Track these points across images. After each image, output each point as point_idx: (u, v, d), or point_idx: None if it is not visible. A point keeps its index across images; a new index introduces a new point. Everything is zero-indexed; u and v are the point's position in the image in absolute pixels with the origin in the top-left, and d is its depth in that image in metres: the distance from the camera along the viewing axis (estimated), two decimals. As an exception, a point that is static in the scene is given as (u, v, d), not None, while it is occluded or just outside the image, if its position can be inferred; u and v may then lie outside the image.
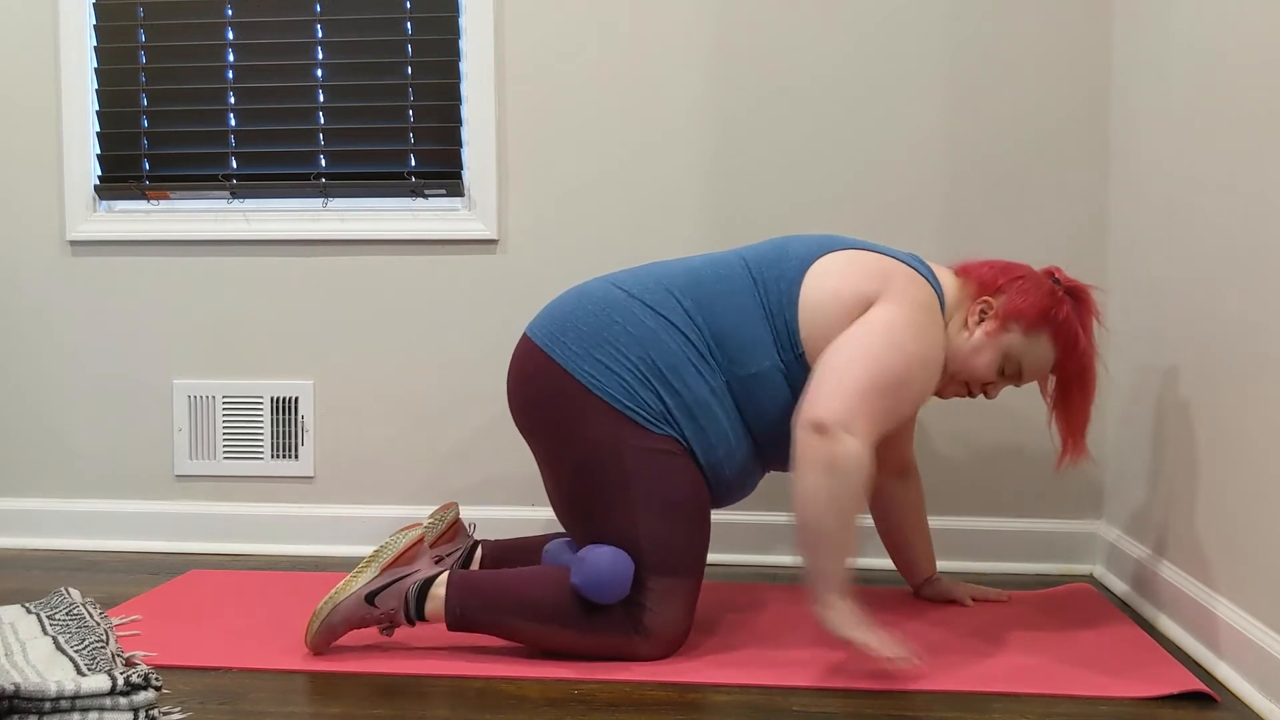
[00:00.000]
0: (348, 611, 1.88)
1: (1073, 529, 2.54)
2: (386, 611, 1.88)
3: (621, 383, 1.89)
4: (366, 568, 1.91)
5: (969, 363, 1.97)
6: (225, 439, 2.74)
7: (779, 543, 2.59)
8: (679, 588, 1.88)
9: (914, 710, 1.68)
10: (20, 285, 2.80)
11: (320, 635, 1.89)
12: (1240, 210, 1.78)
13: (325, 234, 2.70)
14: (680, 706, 1.69)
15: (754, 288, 1.94)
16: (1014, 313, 1.94)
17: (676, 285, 1.97)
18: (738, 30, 2.57)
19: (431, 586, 1.89)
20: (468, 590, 1.88)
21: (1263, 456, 1.71)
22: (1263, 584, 1.70)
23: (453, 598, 1.88)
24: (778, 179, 2.57)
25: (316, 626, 1.88)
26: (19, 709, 1.45)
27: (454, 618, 1.88)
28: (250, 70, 2.72)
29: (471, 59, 2.64)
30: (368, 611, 1.89)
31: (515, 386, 1.99)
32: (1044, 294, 1.95)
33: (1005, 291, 1.96)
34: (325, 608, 1.88)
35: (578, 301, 1.97)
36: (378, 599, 1.89)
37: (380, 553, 1.93)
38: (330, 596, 1.89)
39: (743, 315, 1.92)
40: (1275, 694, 1.63)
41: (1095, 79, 2.49)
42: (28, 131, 2.78)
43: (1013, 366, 1.98)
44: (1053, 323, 1.95)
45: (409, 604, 1.88)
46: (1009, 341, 1.96)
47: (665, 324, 1.92)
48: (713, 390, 1.91)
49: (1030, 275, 1.98)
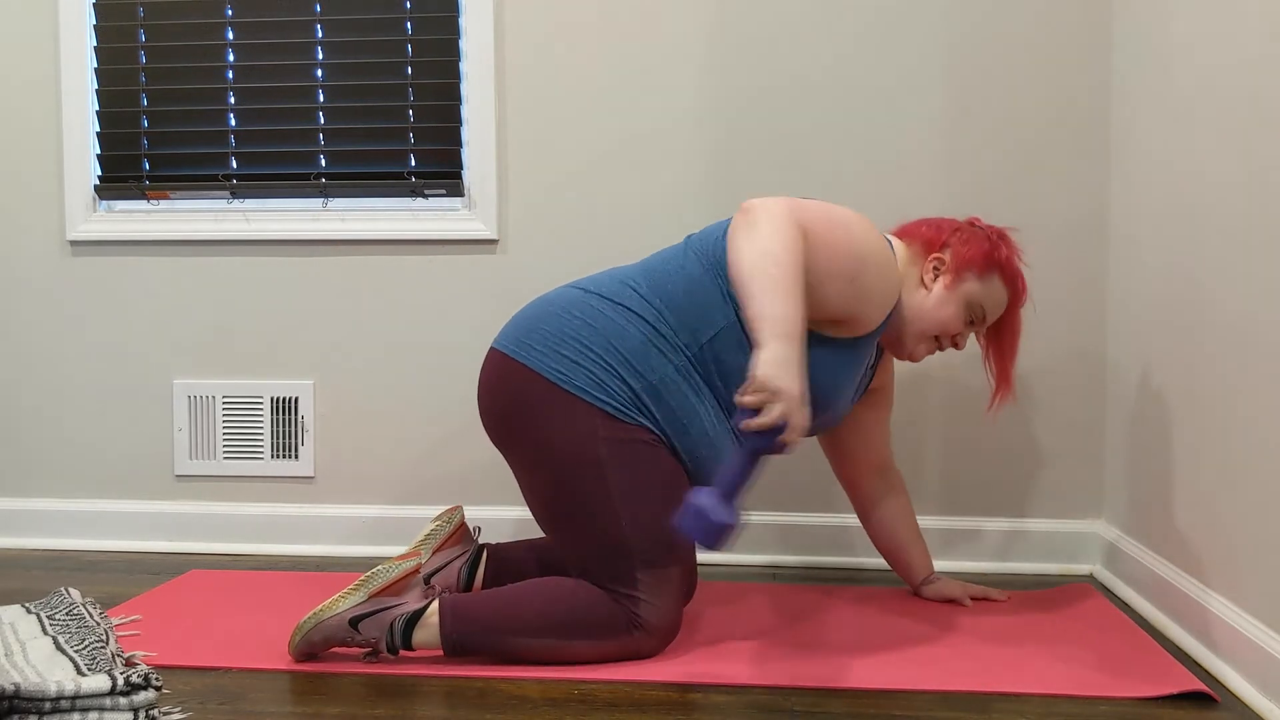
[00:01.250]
0: (329, 631, 1.85)
1: (1073, 529, 2.54)
2: (369, 639, 1.85)
3: (589, 375, 1.90)
4: (355, 591, 1.87)
5: (937, 316, 2.03)
6: (225, 439, 2.74)
7: (779, 543, 2.59)
8: (667, 577, 1.89)
9: (914, 710, 1.68)
10: (20, 285, 2.80)
11: (300, 648, 1.86)
12: (1240, 209, 1.78)
13: (325, 234, 2.70)
14: (680, 706, 1.69)
15: (696, 257, 1.95)
16: (965, 261, 2.02)
17: (631, 276, 1.99)
18: (737, 33, 2.57)
19: (422, 616, 1.86)
20: (461, 618, 1.85)
21: (1263, 457, 1.71)
22: (1263, 584, 1.70)
23: (447, 626, 1.85)
24: (778, 179, 2.57)
25: (298, 640, 1.86)
26: (19, 709, 1.45)
27: (450, 645, 1.85)
28: (250, 70, 2.72)
29: (471, 59, 2.64)
30: (350, 635, 1.85)
31: (485, 399, 1.98)
32: (983, 240, 2.04)
33: (950, 245, 2.04)
34: (309, 623, 1.85)
35: (539, 308, 1.99)
36: (361, 625, 1.85)
37: (371, 579, 1.88)
38: (315, 613, 1.85)
39: (689, 281, 1.93)
40: (1275, 694, 1.63)
41: (1095, 76, 2.49)
42: (28, 132, 2.78)
43: (977, 312, 2.05)
44: (999, 264, 2.04)
45: (393, 636, 1.85)
46: (968, 290, 2.03)
47: (624, 311, 1.94)
48: (677, 369, 1.91)
49: (963, 226, 2.07)
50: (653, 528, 1.87)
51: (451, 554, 2.09)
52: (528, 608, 1.86)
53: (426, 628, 1.85)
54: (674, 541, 1.88)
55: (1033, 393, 2.50)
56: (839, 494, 2.56)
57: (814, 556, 2.58)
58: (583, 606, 1.85)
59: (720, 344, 1.91)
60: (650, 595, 1.87)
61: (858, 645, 1.97)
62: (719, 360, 1.92)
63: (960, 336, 2.07)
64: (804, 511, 2.59)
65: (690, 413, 1.93)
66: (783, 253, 1.75)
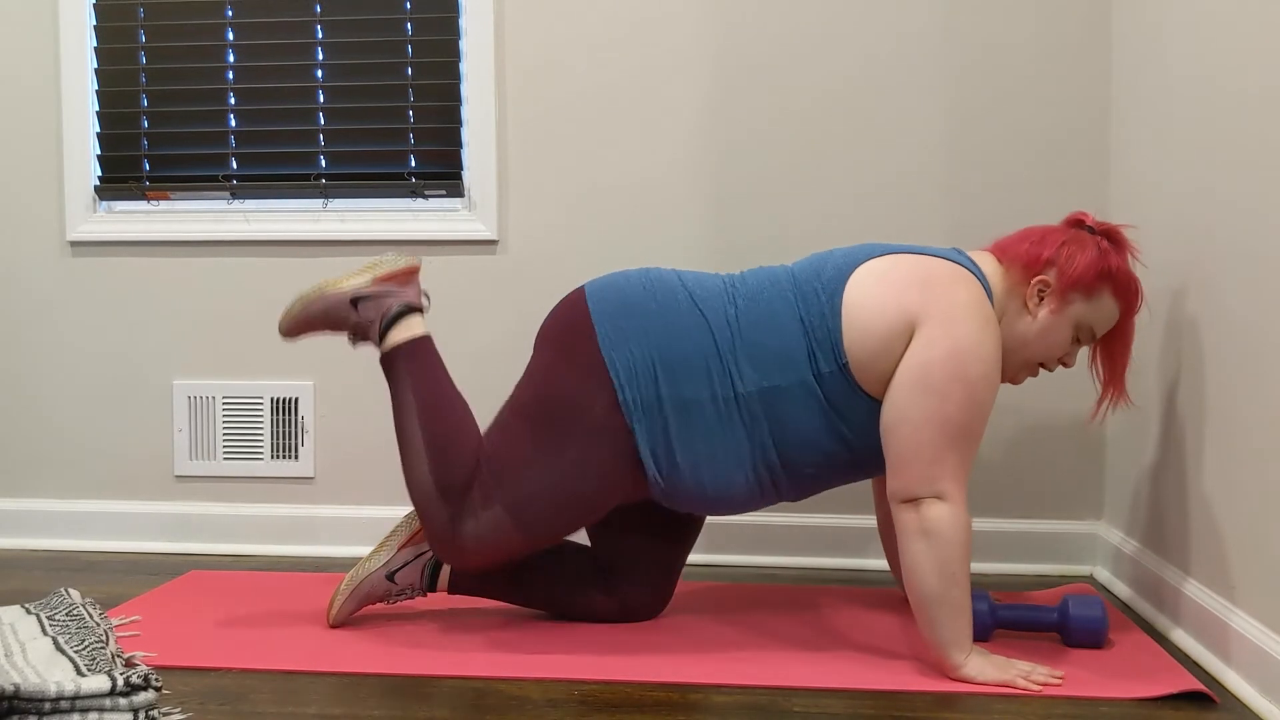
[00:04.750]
0: (330, 304, 2.04)
1: (1073, 530, 2.54)
2: (365, 319, 2.05)
3: (629, 355, 1.91)
4: (361, 274, 2.06)
5: (1045, 343, 1.93)
6: (225, 439, 2.74)
7: (779, 543, 2.59)
8: (509, 536, 1.94)
9: (914, 710, 1.67)
10: (20, 286, 2.80)
11: (298, 316, 2.06)
12: (1242, 207, 1.78)
13: (325, 234, 2.70)
14: (680, 706, 1.69)
15: (794, 301, 1.92)
16: (1071, 283, 1.90)
17: (734, 287, 1.97)
18: (740, 30, 2.57)
19: (404, 319, 2.05)
20: (410, 357, 2.04)
21: (1264, 458, 1.71)
22: (1264, 585, 1.70)
23: (402, 349, 2.04)
24: (779, 179, 2.57)
25: (297, 309, 2.06)
26: (19, 709, 1.45)
27: (387, 355, 2.04)
28: (250, 70, 2.72)
29: (471, 59, 2.64)
30: (349, 312, 2.05)
31: (548, 317, 2.05)
32: (1090, 252, 1.90)
33: (1055, 264, 1.90)
34: (313, 292, 2.05)
35: (636, 275, 2.01)
36: (360, 305, 2.05)
37: (376, 265, 2.07)
38: (319, 285, 2.05)
39: (776, 326, 1.90)
40: (1276, 695, 1.63)
41: (1095, 89, 2.49)
42: (28, 132, 2.78)
43: (1085, 332, 1.95)
44: (1109, 277, 1.91)
45: (384, 320, 2.04)
46: (1075, 312, 1.92)
47: (699, 320, 1.93)
48: (713, 396, 1.90)
49: (1069, 238, 1.93)
50: (548, 505, 1.93)
51: (416, 550, 2.10)
52: (439, 409, 2.01)
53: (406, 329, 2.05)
54: (543, 518, 1.94)
55: (1033, 393, 2.50)
56: (839, 494, 2.55)
57: (814, 557, 2.58)
58: (458, 459, 1.97)
59: (780, 397, 1.89)
60: (485, 527, 1.94)
61: (858, 645, 1.97)
62: (773, 411, 1.89)
63: (1069, 356, 1.97)
64: (804, 512, 2.59)
65: (704, 435, 1.91)
66: (957, 569, 1.78)
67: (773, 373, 1.89)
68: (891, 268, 1.90)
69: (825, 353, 1.88)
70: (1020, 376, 2.00)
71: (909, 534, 1.80)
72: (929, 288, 1.85)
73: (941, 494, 1.79)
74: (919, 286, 1.86)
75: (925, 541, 1.78)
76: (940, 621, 1.78)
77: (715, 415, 1.90)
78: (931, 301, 1.84)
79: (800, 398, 1.89)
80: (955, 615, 1.78)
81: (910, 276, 1.87)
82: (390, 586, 2.07)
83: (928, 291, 1.85)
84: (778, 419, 1.90)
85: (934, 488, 1.79)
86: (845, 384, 1.87)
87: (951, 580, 1.77)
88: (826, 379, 1.88)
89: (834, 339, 1.87)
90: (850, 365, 1.87)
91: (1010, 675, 1.76)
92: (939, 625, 1.78)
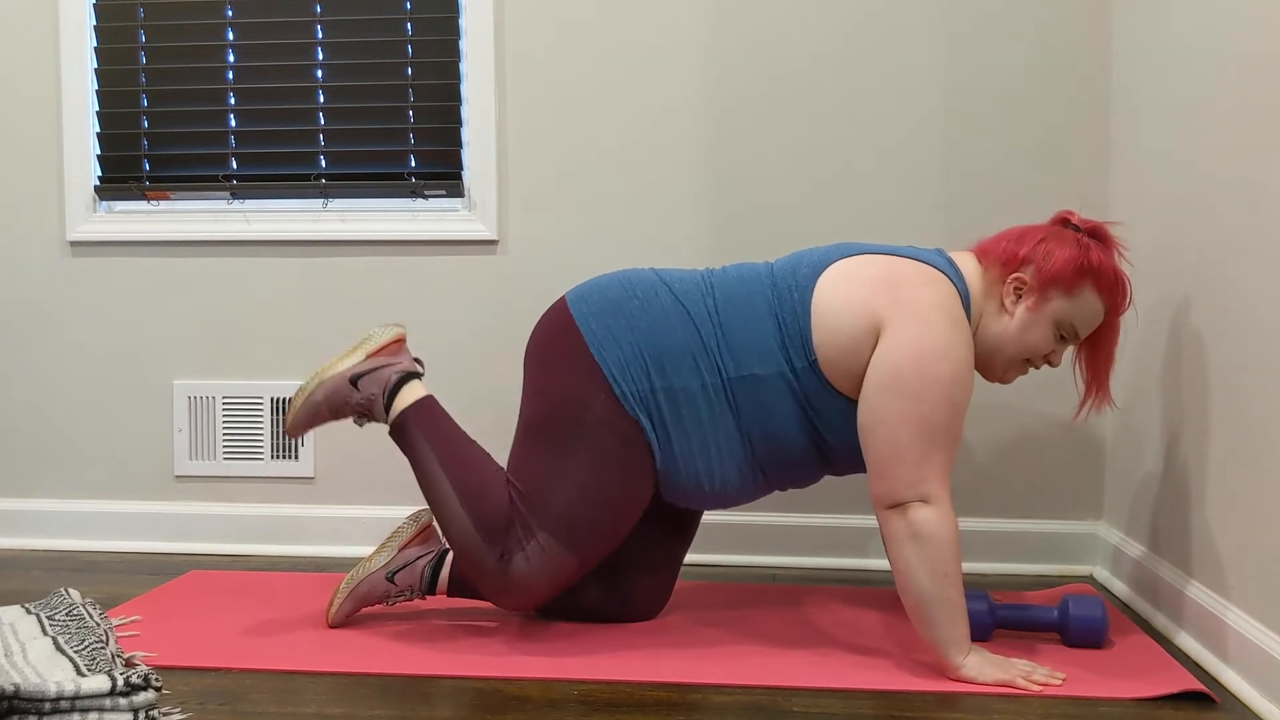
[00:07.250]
0: (332, 389, 2.05)
1: (1073, 530, 2.54)
2: (367, 395, 2.05)
3: (619, 353, 1.93)
4: (351, 354, 2.07)
5: (1024, 341, 1.92)
6: (225, 439, 2.74)
7: (779, 543, 2.59)
8: (559, 559, 1.93)
9: (914, 710, 1.68)
10: (20, 286, 2.80)
11: (305, 408, 2.05)
12: (1242, 207, 1.79)
13: (325, 234, 2.70)
14: (680, 706, 1.69)
15: (770, 296, 1.93)
16: (1049, 279, 1.88)
17: (712, 279, 2.00)
18: (737, 32, 2.57)
19: (407, 385, 2.06)
20: (423, 416, 2.04)
21: (1264, 458, 1.71)
22: (1264, 585, 1.70)
23: (409, 410, 2.04)
24: (777, 179, 2.57)
25: (301, 401, 2.05)
26: (19, 709, 1.45)
27: (397, 421, 2.04)
28: (250, 70, 2.72)
29: (471, 59, 2.64)
30: (350, 393, 2.05)
31: (534, 333, 2.06)
32: (1069, 248, 1.89)
33: (1031, 261, 1.89)
34: (312, 383, 2.05)
35: (615, 276, 2.03)
36: (360, 382, 2.05)
37: (366, 341, 2.08)
38: (318, 373, 2.06)
39: (753, 318, 1.92)
40: (1276, 695, 1.63)
41: (1095, 75, 2.49)
42: (28, 132, 2.78)
43: (1068, 329, 1.92)
44: (1090, 272, 1.88)
45: (387, 394, 2.06)
46: (1054, 309, 1.90)
47: (681, 312, 1.95)
48: (704, 385, 1.92)
49: (1049, 234, 1.91)
50: (579, 512, 1.92)
51: (417, 552, 2.10)
52: (461, 458, 2.00)
53: (410, 394, 2.05)
54: (589, 539, 1.93)
55: (1034, 393, 2.50)
56: (839, 495, 2.56)
57: (814, 557, 2.58)
58: (492, 501, 1.95)
59: (758, 386, 1.91)
60: (534, 557, 1.93)
61: (858, 645, 1.97)
62: (752, 398, 1.91)
63: (1054, 354, 1.95)
64: (804, 512, 2.59)
65: (696, 423, 1.93)
66: (950, 570, 1.78)
67: (753, 362, 1.91)
68: (862, 268, 1.91)
69: (796, 348, 1.90)
70: (1010, 375, 2.00)
71: (898, 540, 1.80)
72: (897, 288, 1.86)
73: (926, 497, 1.79)
74: (887, 287, 1.86)
75: (916, 546, 1.78)
76: (938, 623, 1.78)
77: (707, 404, 1.92)
78: (898, 302, 1.85)
79: (779, 389, 1.91)
80: (952, 616, 1.78)
81: (879, 277, 1.88)
82: (390, 588, 2.07)
83: (895, 292, 1.86)
84: (760, 405, 1.92)
85: (918, 491, 1.79)
86: (817, 380, 1.89)
87: (946, 582, 1.78)
88: (800, 374, 1.90)
89: (804, 336, 1.89)
90: (820, 363, 1.88)
91: (1010, 675, 1.77)
92: (937, 627, 1.78)
